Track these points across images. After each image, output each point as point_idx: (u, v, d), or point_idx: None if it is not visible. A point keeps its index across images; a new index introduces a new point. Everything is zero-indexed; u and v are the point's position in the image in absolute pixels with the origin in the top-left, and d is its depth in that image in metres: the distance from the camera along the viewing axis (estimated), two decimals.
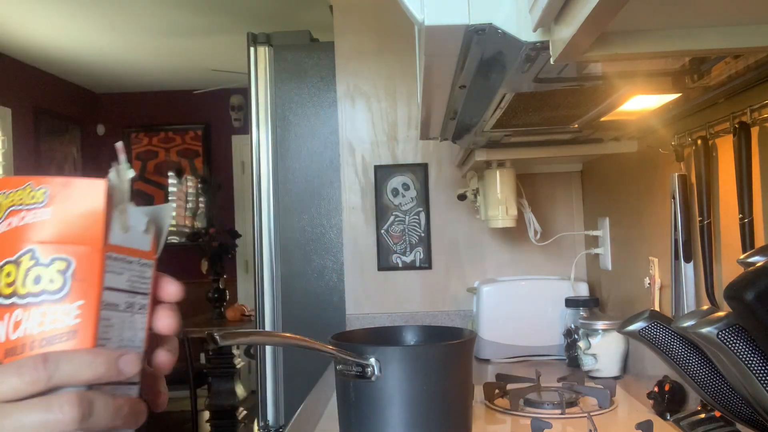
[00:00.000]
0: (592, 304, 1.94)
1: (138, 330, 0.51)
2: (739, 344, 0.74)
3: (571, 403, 1.49)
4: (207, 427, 4.62)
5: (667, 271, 1.51)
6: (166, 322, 0.53)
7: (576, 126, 1.44)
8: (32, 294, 0.46)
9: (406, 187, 2.36)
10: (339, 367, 0.99)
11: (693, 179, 1.34)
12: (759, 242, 1.10)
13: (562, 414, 1.44)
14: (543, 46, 0.78)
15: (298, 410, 1.64)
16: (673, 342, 0.88)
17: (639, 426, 1.17)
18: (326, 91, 2.48)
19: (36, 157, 5.31)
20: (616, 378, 1.77)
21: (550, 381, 1.65)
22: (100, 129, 6.36)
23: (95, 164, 6.22)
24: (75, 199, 0.48)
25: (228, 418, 4.50)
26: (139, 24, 4.57)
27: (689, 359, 0.88)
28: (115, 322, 0.49)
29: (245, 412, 4.68)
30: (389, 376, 0.96)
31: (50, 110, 5.60)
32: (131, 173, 0.50)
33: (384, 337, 1.12)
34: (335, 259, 2.43)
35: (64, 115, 5.82)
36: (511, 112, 1.24)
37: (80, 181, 0.48)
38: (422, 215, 2.36)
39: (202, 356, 5.21)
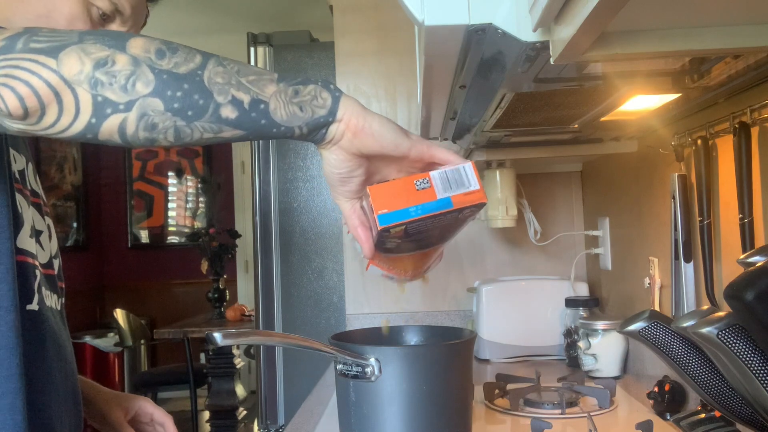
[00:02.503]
0: (592, 304, 1.94)
1: None
2: (739, 344, 0.74)
3: (571, 403, 1.49)
4: (207, 427, 4.62)
5: (667, 271, 1.51)
6: None
7: (576, 126, 1.44)
8: None
9: None
10: (339, 367, 0.99)
11: (693, 179, 1.34)
12: (759, 242, 1.10)
13: (562, 414, 1.44)
14: (543, 46, 0.79)
15: (298, 410, 1.64)
16: (673, 342, 0.88)
17: (639, 426, 1.17)
18: None
19: (36, 157, 5.31)
20: (616, 378, 1.76)
21: (550, 381, 1.65)
22: None
23: (95, 165, 6.22)
24: None
25: (228, 418, 4.49)
26: None
27: (689, 359, 0.88)
28: None
29: (245, 412, 4.68)
30: (389, 376, 0.96)
31: None
32: None
33: (384, 337, 1.12)
34: (335, 259, 2.43)
35: None
36: (511, 112, 1.24)
37: None
38: None
39: (202, 356, 5.20)
